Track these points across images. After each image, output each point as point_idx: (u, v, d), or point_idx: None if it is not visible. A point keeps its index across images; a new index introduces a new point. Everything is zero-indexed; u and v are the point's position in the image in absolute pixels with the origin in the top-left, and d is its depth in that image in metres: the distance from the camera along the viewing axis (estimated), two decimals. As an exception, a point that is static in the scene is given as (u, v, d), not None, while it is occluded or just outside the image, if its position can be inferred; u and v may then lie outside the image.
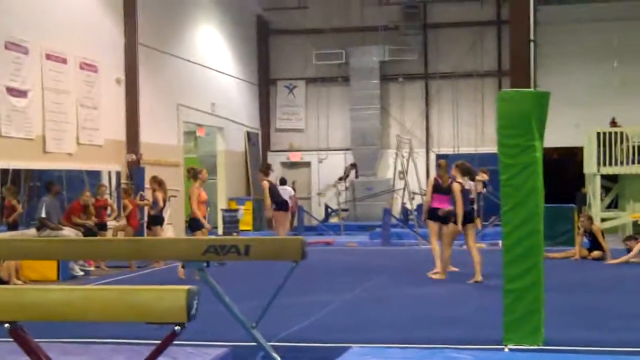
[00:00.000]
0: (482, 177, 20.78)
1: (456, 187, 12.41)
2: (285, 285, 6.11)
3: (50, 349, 6.77)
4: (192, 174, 13.79)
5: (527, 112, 7.19)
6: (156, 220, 16.05)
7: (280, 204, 16.60)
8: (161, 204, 16.07)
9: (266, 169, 16.80)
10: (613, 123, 21.93)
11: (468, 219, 12.45)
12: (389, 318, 8.75)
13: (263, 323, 6.29)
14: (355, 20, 27.67)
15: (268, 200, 16.29)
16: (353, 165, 27.13)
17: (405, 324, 8.33)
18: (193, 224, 13.49)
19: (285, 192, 23.28)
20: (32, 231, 14.12)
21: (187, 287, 4.13)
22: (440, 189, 12.86)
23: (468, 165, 13.15)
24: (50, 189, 14.39)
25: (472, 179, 13.61)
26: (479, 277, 12.00)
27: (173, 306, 4.13)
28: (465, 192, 12.60)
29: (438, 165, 13.46)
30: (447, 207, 12.63)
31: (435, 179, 13.01)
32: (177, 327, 4.18)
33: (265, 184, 16.19)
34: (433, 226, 13.02)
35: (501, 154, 7.31)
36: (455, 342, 7.25)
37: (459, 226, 12.32)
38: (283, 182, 23.56)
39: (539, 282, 7.14)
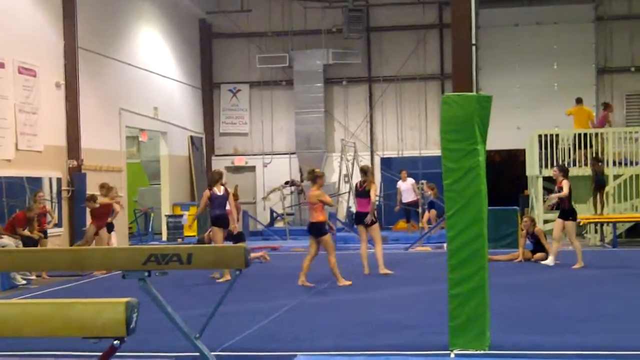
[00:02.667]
0: (430, 193, 20.87)
1: (205, 193, 13.62)
2: (228, 292, 6.02)
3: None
4: (312, 178, 12.97)
5: (470, 116, 7.19)
6: (110, 226, 15.92)
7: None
8: (117, 209, 15.94)
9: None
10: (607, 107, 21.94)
11: (218, 223, 13.63)
12: (335, 324, 8.69)
13: (207, 332, 6.20)
14: (299, 24, 27.63)
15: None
16: (295, 182, 26.82)
17: (351, 330, 8.28)
18: (318, 229, 12.47)
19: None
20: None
21: (125, 299, 4.03)
22: (358, 192, 13.77)
23: (217, 172, 14.43)
24: None
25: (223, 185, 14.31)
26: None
27: (112, 320, 4.02)
28: (217, 198, 13.60)
29: (361, 170, 14.15)
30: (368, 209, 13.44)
31: (356, 184, 13.78)
32: (116, 342, 4.08)
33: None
34: (360, 229, 13.74)
35: (444, 158, 7.31)
36: (402, 348, 7.23)
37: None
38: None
39: (483, 286, 7.14)
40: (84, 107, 19.07)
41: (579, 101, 21.76)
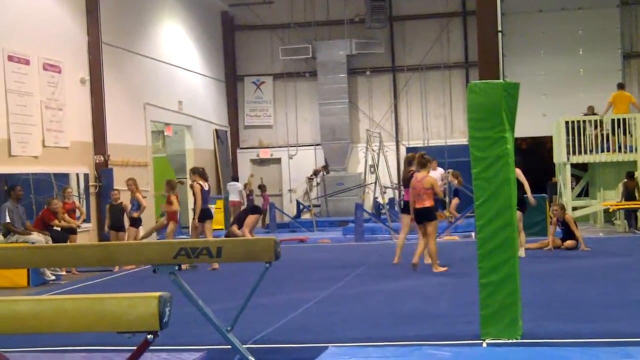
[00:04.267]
0: (455, 182, 20.67)
1: (196, 187, 14.31)
2: (259, 285, 6.02)
3: (22, 359, 6.66)
4: (423, 163, 12.83)
5: (497, 103, 7.12)
6: (137, 222, 15.97)
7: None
8: (144, 204, 15.98)
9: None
10: (590, 109, 21.81)
11: (207, 215, 14.38)
12: (365, 315, 8.67)
13: (238, 325, 6.20)
14: (321, 14, 27.59)
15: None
16: (325, 167, 27.07)
17: (382, 321, 8.26)
18: (429, 214, 12.65)
19: (235, 187, 23.97)
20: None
21: (158, 293, 4.02)
22: (406, 182, 13.33)
23: (200, 168, 15.25)
24: (11, 193, 14.10)
25: (206, 180, 14.98)
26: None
27: (145, 314, 4.02)
28: (204, 192, 14.44)
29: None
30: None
31: (404, 174, 13.54)
32: (149, 336, 4.07)
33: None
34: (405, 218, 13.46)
35: (472, 147, 7.24)
36: (433, 338, 7.20)
37: (196, 221, 14.36)
38: (235, 178, 24.31)
39: (514, 274, 7.08)
40: (109, 102, 19.16)
41: (620, 86, 21.49)
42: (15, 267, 8.77)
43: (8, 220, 13.64)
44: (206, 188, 14.61)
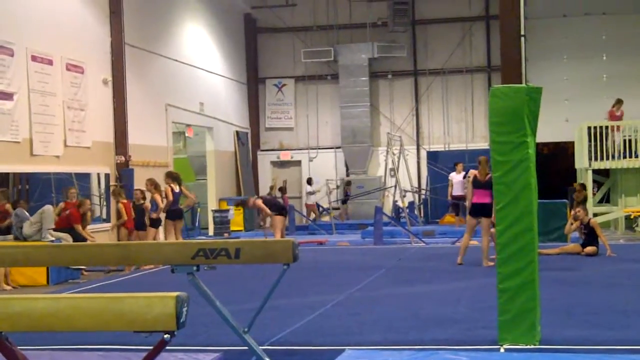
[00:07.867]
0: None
1: (168, 190, 15.54)
2: (276, 286, 6.02)
3: (39, 357, 6.69)
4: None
5: (519, 108, 7.09)
6: (156, 222, 16.01)
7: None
8: (161, 205, 16.01)
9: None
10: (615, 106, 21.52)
11: (176, 215, 15.78)
12: (383, 319, 8.64)
13: (255, 326, 6.20)
14: (344, 18, 27.60)
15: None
16: (348, 183, 27.04)
17: (399, 325, 8.23)
18: (490, 210, 12.89)
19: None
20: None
21: (175, 293, 4.04)
22: (479, 184, 13.47)
23: (174, 172, 16.47)
24: (20, 202, 14.16)
25: (180, 184, 16.04)
26: None
27: (162, 314, 4.04)
28: (174, 194, 15.66)
29: (478, 162, 13.82)
30: (487, 201, 13.19)
31: (474, 175, 13.66)
32: (166, 335, 4.09)
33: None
34: (470, 221, 13.66)
35: (493, 151, 7.21)
36: (451, 343, 7.16)
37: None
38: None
39: (533, 280, 7.04)
40: (131, 103, 19.25)
41: None
42: (35, 265, 8.81)
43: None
44: (176, 190, 15.85)
